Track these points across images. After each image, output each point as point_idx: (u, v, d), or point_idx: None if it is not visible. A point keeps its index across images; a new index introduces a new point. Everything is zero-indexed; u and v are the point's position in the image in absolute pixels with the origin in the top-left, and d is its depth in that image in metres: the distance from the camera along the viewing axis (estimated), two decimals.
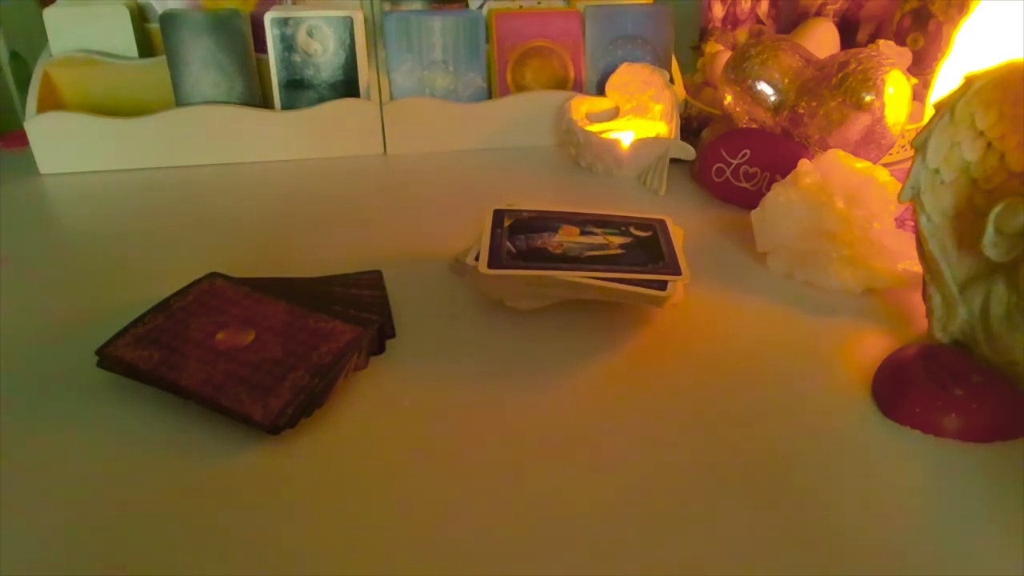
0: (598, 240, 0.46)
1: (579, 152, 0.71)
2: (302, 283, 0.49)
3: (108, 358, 0.40)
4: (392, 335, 0.45)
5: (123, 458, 0.35)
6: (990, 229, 0.39)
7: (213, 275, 0.46)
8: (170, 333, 0.41)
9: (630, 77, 0.74)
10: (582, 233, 0.47)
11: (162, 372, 0.38)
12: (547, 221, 0.48)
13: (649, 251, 0.46)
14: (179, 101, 0.73)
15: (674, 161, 0.66)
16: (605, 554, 0.30)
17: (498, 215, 0.49)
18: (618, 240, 0.46)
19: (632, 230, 0.48)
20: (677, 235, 0.48)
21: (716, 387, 0.41)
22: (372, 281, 0.50)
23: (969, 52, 0.58)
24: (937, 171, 0.41)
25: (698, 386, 0.41)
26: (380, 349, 0.43)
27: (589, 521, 0.32)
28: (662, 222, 0.50)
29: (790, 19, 0.86)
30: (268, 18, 0.71)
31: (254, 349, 0.40)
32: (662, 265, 0.44)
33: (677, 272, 0.44)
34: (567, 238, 0.46)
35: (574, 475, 0.34)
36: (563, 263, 0.44)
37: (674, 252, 0.46)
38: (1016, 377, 0.38)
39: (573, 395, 0.40)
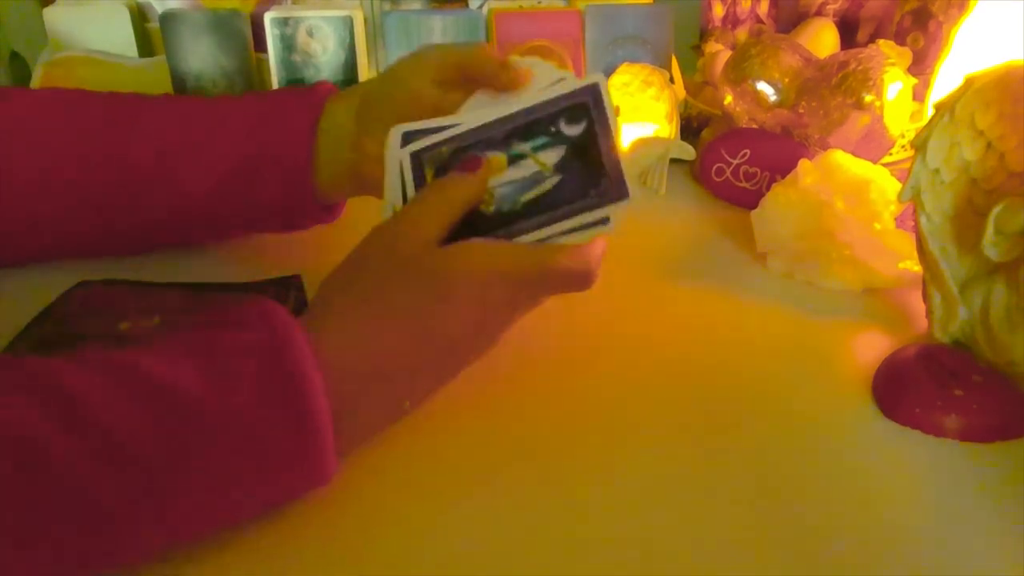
0: (529, 169, 0.39)
1: None
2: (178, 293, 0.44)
3: None
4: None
5: None
6: (990, 229, 0.39)
7: (84, 283, 0.44)
8: (68, 336, 0.38)
9: (630, 77, 0.74)
10: (510, 161, 0.40)
11: None
12: (469, 151, 0.41)
13: (587, 163, 0.39)
14: None
15: (674, 161, 0.66)
16: (603, 554, 0.30)
17: (415, 158, 0.40)
18: (551, 158, 0.39)
19: (563, 127, 0.40)
20: (613, 107, 0.40)
21: (715, 386, 0.41)
22: (277, 293, 0.45)
23: (969, 52, 0.58)
24: (937, 171, 0.41)
25: (697, 385, 0.41)
26: None
27: (585, 522, 0.32)
28: (595, 91, 0.40)
29: (790, 19, 0.86)
30: (268, 18, 0.71)
31: (165, 330, 0.38)
32: (604, 185, 0.39)
33: (623, 194, 0.38)
34: (495, 176, 0.40)
35: (570, 475, 0.35)
36: (498, 228, 0.38)
37: (614, 154, 0.39)
38: (1016, 377, 0.38)
39: (568, 396, 0.40)
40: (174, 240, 0.50)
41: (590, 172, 0.39)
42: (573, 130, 0.40)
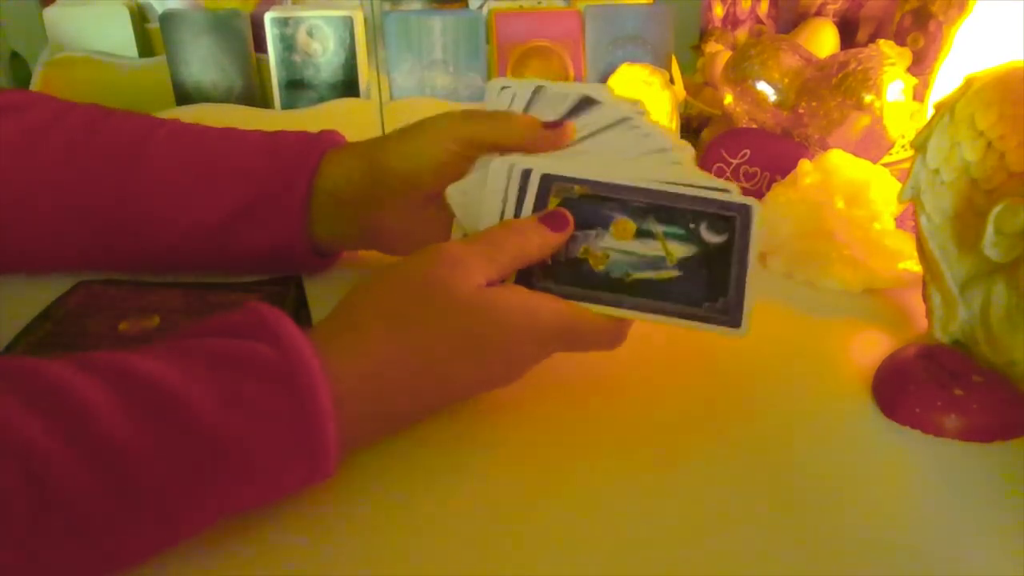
0: (653, 251, 0.38)
1: None
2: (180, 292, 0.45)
3: None
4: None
5: None
6: (990, 229, 0.39)
7: (85, 283, 0.44)
8: (67, 335, 0.39)
9: (630, 77, 0.74)
10: (638, 234, 0.38)
11: None
12: (602, 206, 0.39)
13: (712, 276, 0.37)
14: (179, 101, 0.73)
15: None
16: (602, 552, 0.30)
17: (545, 180, 0.39)
18: (679, 251, 0.38)
19: (703, 231, 0.38)
20: (760, 233, 0.38)
21: (714, 387, 0.41)
22: (277, 292, 0.45)
23: (969, 52, 0.58)
24: (937, 171, 0.41)
25: (696, 385, 0.41)
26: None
27: (583, 520, 0.32)
28: (746, 213, 0.38)
29: (790, 19, 0.86)
30: (268, 18, 0.71)
31: (165, 330, 0.38)
32: (720, 306, 0.37)
33: (735, 323, 0.37)
34: (618, 241, 0.38)
35: (567, 475, 0.35)
36: (601, 291, 0.37)
37: (743, 281, 0.37)
38: (1016, 377, 0.38)
39: (565, 395, 0.40)
40: (172, 272, 0.49)
41: (712, 285, 0.37)
42: (712, 237, 0.38)
